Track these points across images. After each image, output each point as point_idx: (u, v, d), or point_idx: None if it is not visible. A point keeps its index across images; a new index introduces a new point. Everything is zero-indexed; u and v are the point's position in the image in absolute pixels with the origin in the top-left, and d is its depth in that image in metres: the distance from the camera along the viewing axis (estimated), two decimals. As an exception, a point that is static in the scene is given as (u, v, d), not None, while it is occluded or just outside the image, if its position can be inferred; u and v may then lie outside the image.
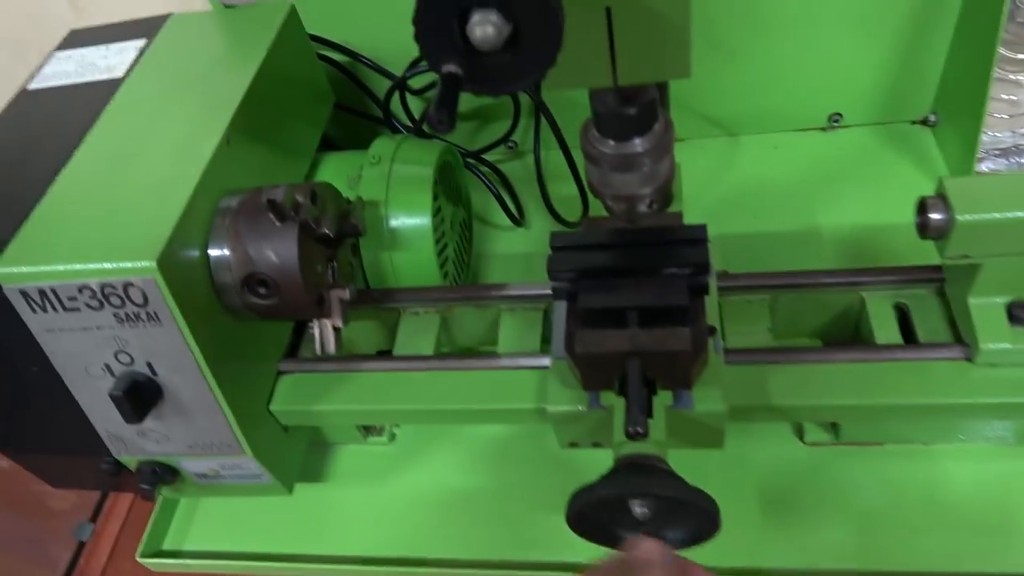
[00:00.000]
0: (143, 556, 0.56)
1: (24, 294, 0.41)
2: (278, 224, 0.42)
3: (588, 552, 0.45)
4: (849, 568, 0.47)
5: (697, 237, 0.41)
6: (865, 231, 0.62)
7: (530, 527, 0.53)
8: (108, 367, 0.44)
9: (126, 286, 0.40)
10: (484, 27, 0.24)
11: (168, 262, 0.40)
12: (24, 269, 0.41)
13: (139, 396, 0.44)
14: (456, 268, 0.62)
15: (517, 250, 0.71)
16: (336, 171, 0.59)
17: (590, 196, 0.57)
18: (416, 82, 0.67)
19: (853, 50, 0.65)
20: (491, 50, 0.25)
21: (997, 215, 0.38)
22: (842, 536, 0.49)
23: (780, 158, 0.70)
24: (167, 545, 0.58)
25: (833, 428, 0.52)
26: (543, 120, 0.70)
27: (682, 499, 0.37)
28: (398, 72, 0.67)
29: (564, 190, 0.71)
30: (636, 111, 0.33)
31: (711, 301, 0.44)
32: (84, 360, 0.44)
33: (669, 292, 0.40)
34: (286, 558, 0.55)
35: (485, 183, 0.68)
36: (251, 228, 0.43)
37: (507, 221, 0.72)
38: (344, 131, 0.72)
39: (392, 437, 0.59)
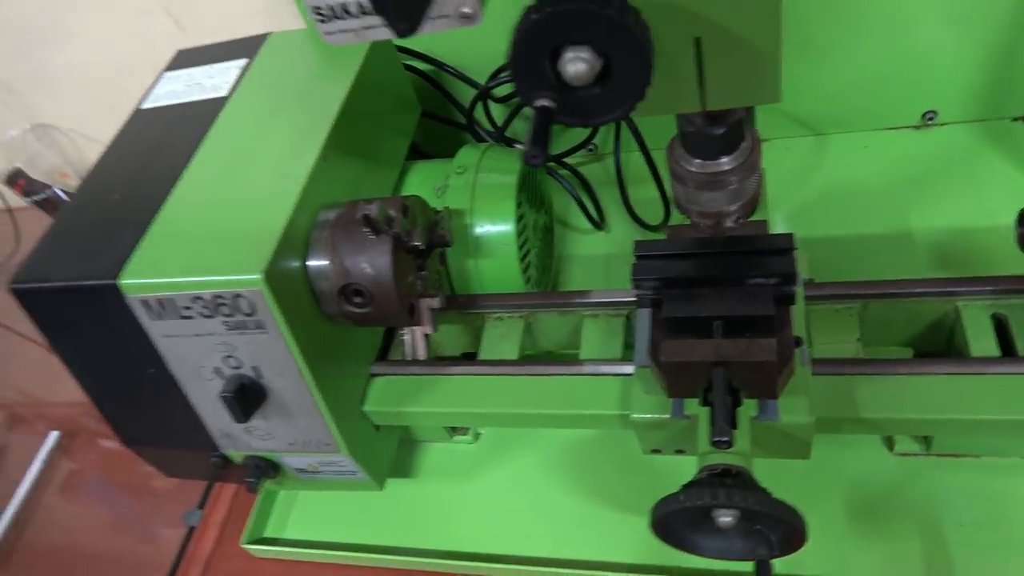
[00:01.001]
0: (247, 543, 0.60)
1: (144, 303, 0.45)
2: (372, 237, 0.45)
3: (670, 556, 0.45)
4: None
5: (784, 247, 0.41)
6: (961, 235, 0.60)
7: (611, 528, 0.54)
8: (218, 370, 0.47)
9: (235, 297, 0.43)
10: (576, 64, 0.25)
11: (272, 274, 0.42)
12: (145, 281, 0.44)
13: (246, 397, 0.47)
14: (538, 272, 0.63)
15: (598, 252, 0.72)
16: (423, 180, 0.61)
17: (672, 198, 0.57)
18: (500, 91, 0.68)
19: (948, 44, 0.63)
20: (583, 85, 0.26)
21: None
22: (931, 549, 0.48)
23: (870, 158, 0.68)
24: (268, 533, 0.61)
25: (925, 440, 0.51)
26: (623, 123, 0.70)
27: (767, 513, 0.37)
28: (481, 80, 0.69)
29: (645, 193, 0.71)
30: (723, 132, 0.34)
31: (798, 311, 0.44)
32: (197, 363, 0.47)
33: (754, 302, 0.40)
34: (378, 550, 0.57)
35: (566, 187, 0.69)
36: (347, 241, 0.45)
37: (588, 224, 0.72)
38: (430, 137, 0.74)
39: (476, 436, 0.61)
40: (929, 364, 0.43)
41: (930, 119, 0.68)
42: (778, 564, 0.41)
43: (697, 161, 0.35)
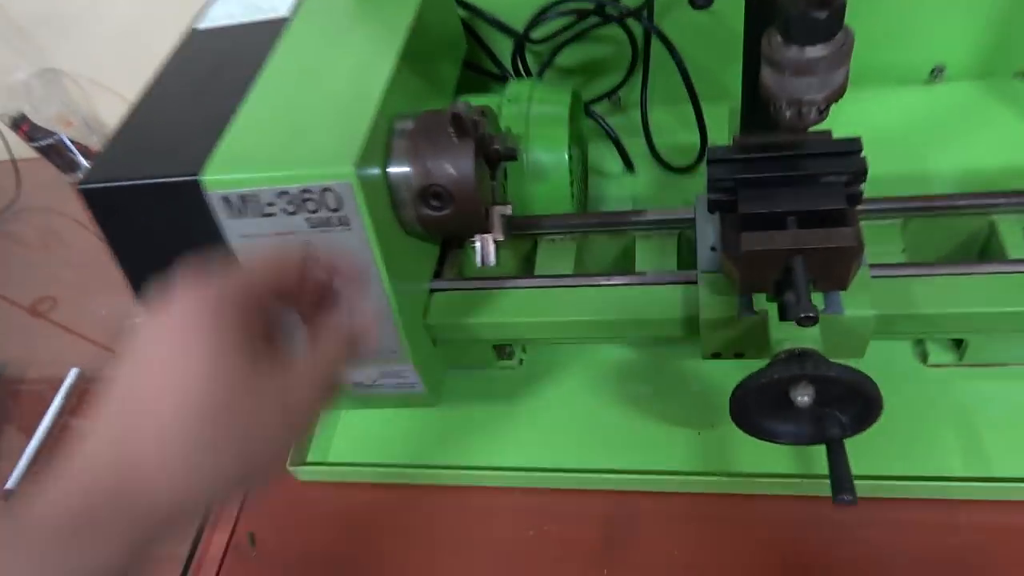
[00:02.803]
0: (292, 465, 0.60)
1: (225, 200, 0.45)
2: (456, 140, 0.46)
3: (720, 462, 0.48)
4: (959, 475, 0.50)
5: (853, 148, 0.44)
6: (977, 173, 0.64)
7: (659, 438, 0.56)
8: (294, 272, 0.48)
9: (323, 191, 0.44)
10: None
11: (361, 172, 0.43)
12: (230, 176, 0.44)
13: (323, 298, 0.48)
14: (579, 205, 0.65)
15: (624, 194, 0.74)
16: (473, 110, 0.62)
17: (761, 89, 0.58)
18: (536, 33, 0.70)
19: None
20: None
21: None
22: (967, 445, 0.51)
23: (882, 111, 0.72)
24: (312, 457, 0.62)
25: (957, 348, 0.54)
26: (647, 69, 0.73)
27: (847, 381, 0.40)
28: (518, 27, 0.71)
29: (668, 140, 0.74)
30: (825, 16, 0.36)
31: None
32: (273, 265, 0.48)
33: (828, 197, 0.43)
34: (424, 466, 0.58)
35: (603, 126, 0.71)
36: (431, 143, 0.46)
37: (615, 168, 0.75)
38: (460, 87, 0.75)
39: (520, 362, 0.63)
40: (975, 265, 0.47)
41: (938, 74, 0.73)
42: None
43: (794, 47, 0.38)
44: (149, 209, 0.47)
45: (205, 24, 0.58)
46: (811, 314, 0.39)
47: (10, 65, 0.90)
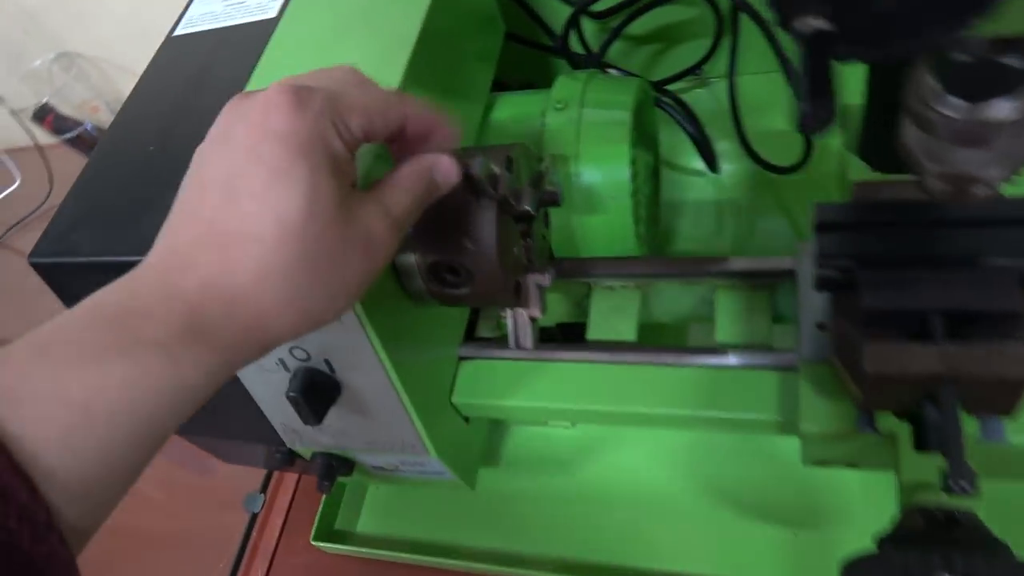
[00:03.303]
0: (316, 540, 0.53)
1: (191, 284, 0.36)
2: (474, 203, 0.35)
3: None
4: None
5: (1034, 218, 0.30)
6: None
7: (741, 536, 0.46)
8: (282, 362, 0.39)
9: (302, 279, 0.34)
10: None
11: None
12: (190, 257, 0.35)
13: (317, 397, 0.39)
14: (648, 227, 0.53)
15: (706, 198, 0.61)
16: (513, 117, 0.50)
17: (902, 149, 0.46)
18: (597, 4, 0.57)
19: None
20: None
21: None
22: None
23: None
24: (339, 525, 0.54)
25: None
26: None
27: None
28: (574, -6, 0.57)
29: (764, 123, 0.60)
30: (1020, 62, 0.23)
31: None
32: (256, 354, 0.39)
33: (995, 292, 0.30)
34: (463, 553, 0.50)
35: (677, 119, 0.57)
36: (440, 208, 0.35)
37: (693, 164, 0.61)
38: (509, 64, 0.62)
39: (574, 423, 0.53)
40: None
41: None
42: None
43: (960, 102, 0.24)
44: (110, 287, 0.39)
45: (183, 30, 0.48)
46: (966, 486, 0.27)
47: (26, 52, 0.83)
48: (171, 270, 0.26)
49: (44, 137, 0.88)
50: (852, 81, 0.37)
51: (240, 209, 0.26)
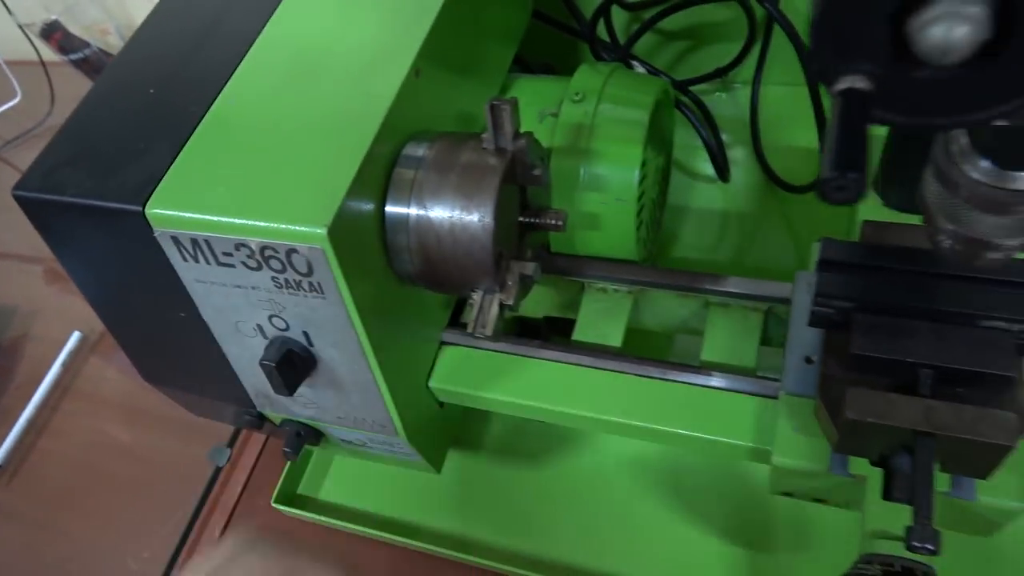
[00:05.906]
0: (277, 503, 0.52)
1: (176, 240, 0.35)
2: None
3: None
4: None
5: (1041, 284, 0.30)
6: None
7: (692, 552, 0.45)
8: (260, 328, 0.38)
9: (289, 252, 0.33)
10: (951, 26, 0.14)
11: (339, 229, 0.32)
12: (177, 214, 0.34)
13: (292, 368, 0.38)
14: (649, 230, 0.52)
15: (714, 207, 0.60)
16: (528, 101, 0.49)
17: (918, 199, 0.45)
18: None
19: None
20: (942, 62, 0.14)
21: None
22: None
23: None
24: (302, 490, 0.54)
25: None
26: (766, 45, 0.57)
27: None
28: (606, -22, 0.55)
29: (782, 139, 0.59)
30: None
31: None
32: (235, 316, 0.38)
33: (989, 353, 0.29)
34: (425, 534, 0.50)
35: (695, 124, 0.56)
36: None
37: (705, 170, 0.60)
38: (534, 45, 0.61)
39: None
40: None
41: None
42: None
43: (990, 166, 0.23)
44: (94, 232, 0.38)
45: (199, -31, 0.46)
46: (930, 546, 0.27)
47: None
48: None
49: (49, 55, 0.86)
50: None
51: None
